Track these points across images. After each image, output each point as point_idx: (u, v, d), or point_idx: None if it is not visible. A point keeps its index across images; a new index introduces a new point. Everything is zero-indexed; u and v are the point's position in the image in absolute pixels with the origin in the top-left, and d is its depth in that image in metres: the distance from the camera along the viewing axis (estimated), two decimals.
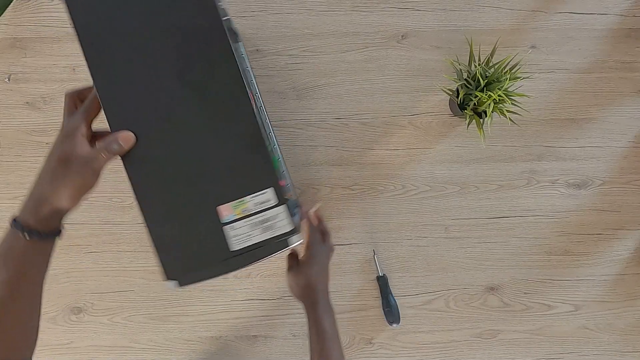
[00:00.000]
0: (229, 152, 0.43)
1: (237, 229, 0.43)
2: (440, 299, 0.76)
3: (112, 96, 0.42)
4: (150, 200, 0.43)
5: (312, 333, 0.62)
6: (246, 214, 0.43)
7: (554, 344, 0.77)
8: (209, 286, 0.75)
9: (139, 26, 0.42)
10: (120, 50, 0.42)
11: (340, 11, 0.76)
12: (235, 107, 0.43)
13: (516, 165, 0.77)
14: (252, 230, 0.43)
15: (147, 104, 0.42)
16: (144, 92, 0.42)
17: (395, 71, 0.77)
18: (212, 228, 0.43)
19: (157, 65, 0.42)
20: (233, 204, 0.43)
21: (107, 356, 0.75)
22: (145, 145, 0.42)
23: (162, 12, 0.42)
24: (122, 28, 0.42)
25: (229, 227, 0.43)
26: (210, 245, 0.43)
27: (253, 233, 0.43)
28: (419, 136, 0.77)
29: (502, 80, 0.64)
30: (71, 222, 0.74)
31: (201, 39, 0.42)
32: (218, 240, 0.43)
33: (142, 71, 0.42)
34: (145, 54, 0.42)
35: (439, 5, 0.77)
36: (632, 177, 0.77)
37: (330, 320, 0.62)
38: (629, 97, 0.77)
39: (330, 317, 0.63)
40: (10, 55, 0.75)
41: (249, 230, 0.43)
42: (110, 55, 0.42)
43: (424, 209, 0.76)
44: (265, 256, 0.44)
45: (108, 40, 0.42)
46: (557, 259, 0.77)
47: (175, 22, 0.42)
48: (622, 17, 0.78)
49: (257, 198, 0.43)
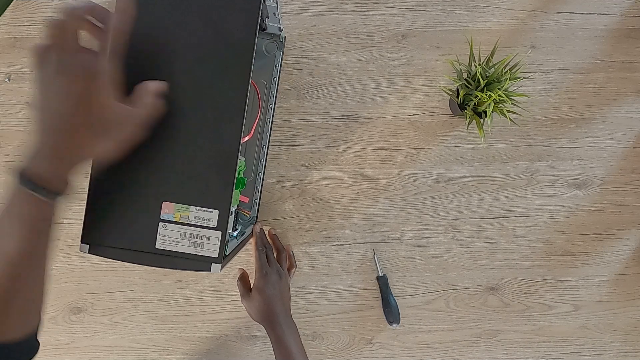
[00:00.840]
0: (200, 161, 0.43)
1: (168, 229, 0.43)
2: (440, 299, 0.76)
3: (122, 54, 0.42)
4: (108, 167, 0.43)
5: (276, 354, 0.62)
6: (183, 221, 0.43)
7: (554, 344, 0.77)
8: (209, 286, 0.75)
9: (178, 10, 0.43)
10: (151, 24, 0.43)
11: (340, 11, 0.76)
12: (227, 124, 0.43)
13: (516, 165, 0.77)
14: (181, 239, 0.43)
15: (151, 75, 0.42)
16: (152, 69, 0.43)
17: (395, 71, 0.77)
18: (149, 218, 0.43)
19: (177, 52, 0.43)
20: (177, 206, 0.43)
21: (107, 356, 0.75)
22: None
23: (207, 7, 0.43)
24: (160, 8, 0.43)
25: (162, 224, 0.43)
26: (140, 232, 0.43)
27: (181, 242, 0.43)
28: (419, 136, 0.77)
29: (502, 80, 0.64)
30: (71, 222, 0.74)
31: (228, 47, 0.43)
32: (149, 231, 0.43)
33: (160, 52, 0.43)
34: (170, 38, 0.43)
35: (439, 5, 0.77)
36: (632, 177, 0.77)
37: (293, 338, 0.63)
38: (629, 97, 0.77)
39: (293, 334, 0.63)
40: (10, 55, 0.75)
41: (178, 236, 0.43)
42: (138, 25, 0.42)
43: (424, 209, 0.76)
44: (181, 268, 0.43)
45: (141, 13, 0.42)
46: (557, 259, 0.77)
47: (213, 21, 0.43)
48: (622, 17, 0.78)
49: (200, 212, 0.43)
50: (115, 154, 0.39)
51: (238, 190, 0.60)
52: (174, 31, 0.43)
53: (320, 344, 0.75)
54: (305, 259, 0.76)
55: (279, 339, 0.62)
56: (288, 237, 0.76)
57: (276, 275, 0.68)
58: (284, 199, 0.76)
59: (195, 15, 0.43)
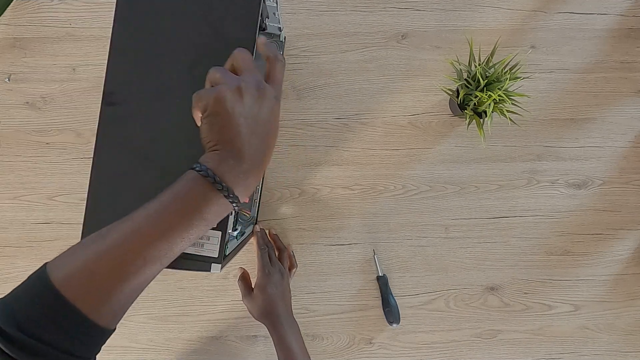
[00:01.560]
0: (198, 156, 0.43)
1: None
2: (440, 299, 0.76)
3: (123, 52, 0.43)
4: (108, 167, 0.43)
5: (278, 353, 0.62)
6: None
7: (554, 344, 0.77)
8: (209, 286, 0.75)
9: (178, 9, 0.43)
10: (151, 22, 0.43)
11: (340, 11, 0.76)
12: None
13: (516, 165, 0.77)
14: None
15: (150, 74, 0.43)
16: (153, 62, 0.43)
17: (395, 71, 0.76)
18: None
19: (177, 52, 0.43)
20: None
21: (107, 356, 0.75)
22: (130, 110, 0.43)
23: (207, 7, 0.43)
24: (161, 8, 0.43)
25: None
26: None
27: None
28: (419, 136, 0.77)
29: (502, 80, 0.64)
30: (70, 222, 0.74)
31: (228, 48, 0.43)
32: None
33: (163, 45, 0.43)
34: (171, 38, 0.43)
35: (439, 5, 0.77)
36: (632, 177, 0.77)
37: (295, 337, 0.62)
38: (629, 97, 0.77)
39: (295, 333, 0.63)
40: (10, 55, 0.75)
41: None
42: (139, 24, 0.43)
43: (424, 209, 0.76)
44: (182, 268, 0.43)
45: (142, 11, 0.43)
46: (557, 259, 0.77)
47: (213, 20, 0.43)
48: (622, 17, 0.78)
49: None
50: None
51: None
52: (175, 31, 0.43)
53: (320, 344, 0.75)
54: (305, 259, 0.76)
55: (281, 338, 0.62)
56: (288, 237, 0.76)
57: (278, 274, 0.68)
58: (284, 199, 0.76)
59: (195, 15, 0.43)
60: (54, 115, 0.75)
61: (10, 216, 0.75)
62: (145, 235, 0.32)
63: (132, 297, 0.34)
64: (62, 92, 0.75)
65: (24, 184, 0.75)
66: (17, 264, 0.74)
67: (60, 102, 0.75)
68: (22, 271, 0.74)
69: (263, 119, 0.35)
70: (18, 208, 0.75)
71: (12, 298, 0.31)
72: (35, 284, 0.31)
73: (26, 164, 0.75)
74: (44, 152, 0.75)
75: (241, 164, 0.34)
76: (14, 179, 0.75)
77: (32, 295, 0.30)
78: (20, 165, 0.75)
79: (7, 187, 0.75)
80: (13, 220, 0.75)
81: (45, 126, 0.75)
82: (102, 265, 0.31)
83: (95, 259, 0.31)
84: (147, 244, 0.32)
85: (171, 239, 0.32)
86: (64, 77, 0.75)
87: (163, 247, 0.32)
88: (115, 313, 0.33)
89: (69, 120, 0.75)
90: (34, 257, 0.74)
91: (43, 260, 0.32)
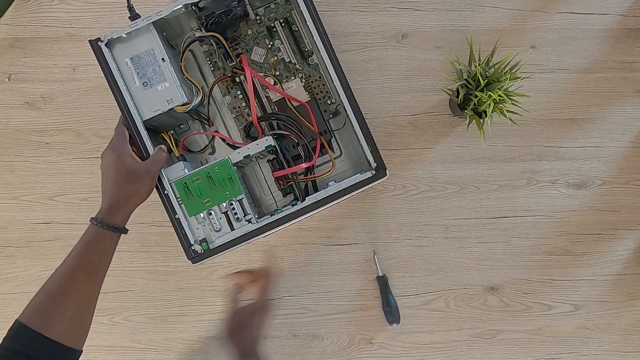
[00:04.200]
0: None
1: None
2: (440, 299, 0.76)
3: None
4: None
5: None
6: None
7: (554, 344, 0.77)
8: (209, 286, 0.75)
9: None
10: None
11: (340, 11, 0.76)
12: None
13: (516, 165, 0.77)
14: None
15: None
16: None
17: (395, 71, 0.76)
18: None
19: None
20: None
21: (107, 356, 0.75)
22: None
23: None
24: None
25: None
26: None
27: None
28: (419, 136, 0.77)
29: (502, 80, 0.64)
30: (70, 222, 0.74)
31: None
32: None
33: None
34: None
35: (439, 5, 0.77)
36: (632, 177, 0.77)
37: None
38: (629, 97, 0.77)
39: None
40: (10, 55, 0.75)
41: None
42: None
43: (424, 209, 0.76)
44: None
45: None
46: (557, 259, 0.77)
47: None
48: (622, 17, 0.77)
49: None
50: (149, 194, 0.56)
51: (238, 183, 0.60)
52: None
53: (320, 344, 0.75)
54: (305, 259, 0.76)
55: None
56: (288, 237, 0.76)
57: (256, 319, 0.60)
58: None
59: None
60: (54, 115, 0.75)
61: (10, 216, 0.75)
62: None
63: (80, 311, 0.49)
64: (62, 92, 0.75)
65: (24, 184, 0.75)
66: (17, 264, 0.74)
67: (60, 102, 0.75)
68: (22, 271, 0.74)
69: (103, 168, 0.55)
70: (18, 208, 0.75)
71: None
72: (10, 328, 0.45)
73: (26, 164, 0.75)
74: (44, 152, 0.75)
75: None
76: (14, 179, 0.75)
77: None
78: (20, 165, 0.75)
79: (7, 187, 0.75)
80: (13, 220, 0.75)
81: (45, 126, 0.75)
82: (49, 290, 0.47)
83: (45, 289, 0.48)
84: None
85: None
86: (64, 77, 0.75)
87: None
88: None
89: (69, 120, 0.75)
90: (34, 257, 0.74)
91: (43, 260, 0.32)
